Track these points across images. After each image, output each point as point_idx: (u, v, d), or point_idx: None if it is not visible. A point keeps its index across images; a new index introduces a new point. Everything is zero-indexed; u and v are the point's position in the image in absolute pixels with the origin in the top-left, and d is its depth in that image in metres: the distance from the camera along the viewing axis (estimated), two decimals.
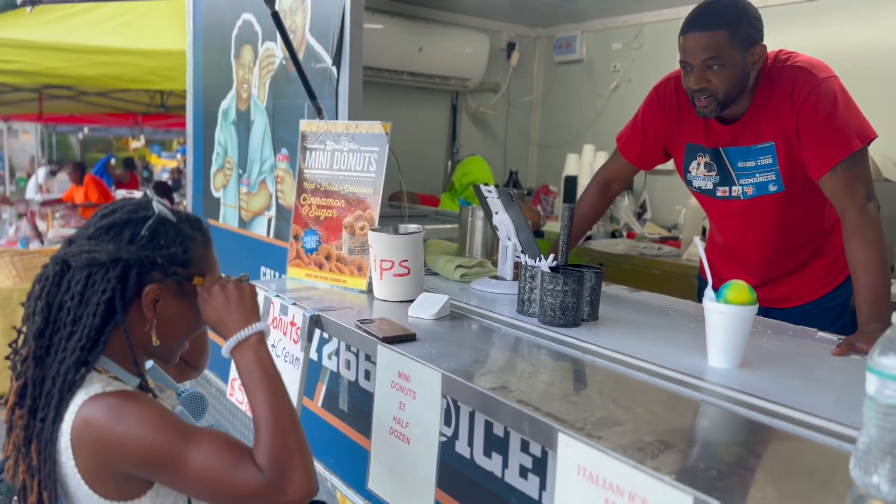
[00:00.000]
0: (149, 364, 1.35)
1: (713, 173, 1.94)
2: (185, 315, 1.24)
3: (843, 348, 1.45)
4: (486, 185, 1.95)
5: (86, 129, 13.89)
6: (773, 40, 1.84)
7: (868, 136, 1.72)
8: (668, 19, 3.84)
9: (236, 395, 2.00)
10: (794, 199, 1.87)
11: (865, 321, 1.57)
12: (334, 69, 2.32)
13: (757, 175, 1.87)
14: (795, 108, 1.74)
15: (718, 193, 1.95)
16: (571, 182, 3.92)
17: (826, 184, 1.73)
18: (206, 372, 3.39)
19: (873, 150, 2.86)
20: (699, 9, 1.77)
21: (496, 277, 2.02)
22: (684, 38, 1.77)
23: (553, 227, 3.62)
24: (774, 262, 1.99)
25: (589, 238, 3.57)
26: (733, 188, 1.92)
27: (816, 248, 1.98)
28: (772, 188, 1.86)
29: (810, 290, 1.99)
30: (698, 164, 1.96)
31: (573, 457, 1.01)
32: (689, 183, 2.03)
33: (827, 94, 1.71)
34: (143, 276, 1.16)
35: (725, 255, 2.05)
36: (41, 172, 10.94)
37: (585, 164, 4.00)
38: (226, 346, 1.21)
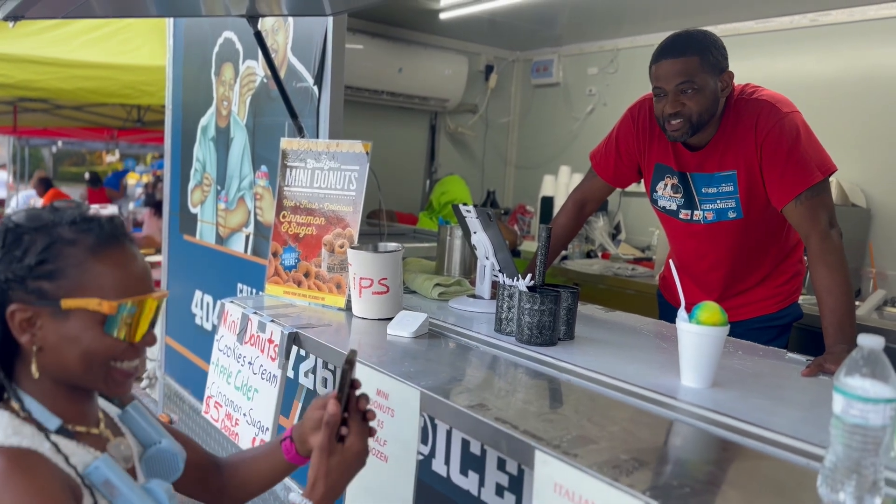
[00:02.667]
0: (114, 409, 1.15)
1: (679, 195, 2.01)
2: (77, 338, 0.98)
3: (812, 369, 1.50)
4: (464, 204, 1.97)
5: (59, 143, 13.69)
6: (739, 69, 1.90)
7: (828, 169, 1.80)
8: (642, 45, 3.92)
9: (211, 412, 1.99)
10: (752, 226, 1.95)
11: (832, 342, 1.62)
12: (315, 88, 2.34)
13: (718, 202, 1.94)
14: (759, 139, 1.82)
15: (681, 216, 2.02)
16: (548, 202, 3.99)
17: (790, 212, 1.81)
18: (180, 389, 3.36)
19: (841, 176, 2.96)
20: (669, 39, 1.85)
21: (474, 296, 2.04)
22: (657, 65, 1.84)
23: (530, 246, 3.65)
24: (729, 282, 2.06)
25: (565, 258, 3.61)
26: (695, 212, 1.99)
27: (770, 272, 2.06)
28: (731, 215, 1.94)
29: (757, 308, 2.06)
30: (665, 185, 2.03)
31: (550, 474, 1.02)
32: (654, 202, 2.10)
33: (790, 127, 1.80)
34: (2, 297, 0.97)
35: (682, 272, 2.10)
36: None
37: (561, 185, 4.05)
38: (295, 498, 1.05)
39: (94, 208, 1.06)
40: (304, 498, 1.02)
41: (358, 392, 1.12)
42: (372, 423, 1.13)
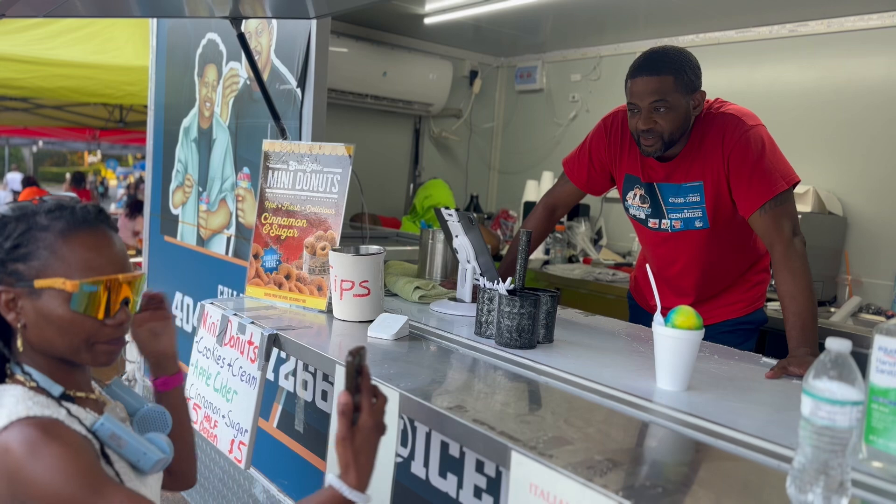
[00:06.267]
0: (97, 386, 1.26)
1: (646, 205, 2.08)
2: (50, 315, 1.07)
3: (777, 371, 1.54)
4: (446, 208, 1.98)
5: (40, 143, 13.57)
6: (719, 78, 1.93)
7: (792, 180, 1.87)
8: (624, 53, 3.96)
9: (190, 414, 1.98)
10: (718, 235, 2.02)
11: (795, 346, 1.67)
12: (299, 91, 2.34)
13: (685, 211, 2.01)
14: (726, 152, 1.89)
15: (650, 224, 2.09)
16: (531, 207, 4.01)
17: (755, 221, 1.87)
18: None
19: (818, 184, 3.01)
20: (646, 56, 1.90)
21: (455, 299, 2.05)
22: (633, 81, 1.89)
23: None
24: (700, 287, 2.12)
25: (547, 263, 3.63)
26: (663, 221, 2.06)
27: (735, 280, 2.14)
28: (697, 224, 2.00)
29: (725, 312, 2.13)
30: (634, 195, 2.10)
31: (525, 475, 1.03)
32: (626, 209, 2.17)
33: (755, 140, 1.86)
34: None
35: (655, 277, 2.15)
36: None
37: (544, 190, 4.06)
38: (333, 480, 1.07)
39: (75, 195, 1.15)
40: (341, 481, 1.05)
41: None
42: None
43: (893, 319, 1.07)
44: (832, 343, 0.91)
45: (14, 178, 12.24)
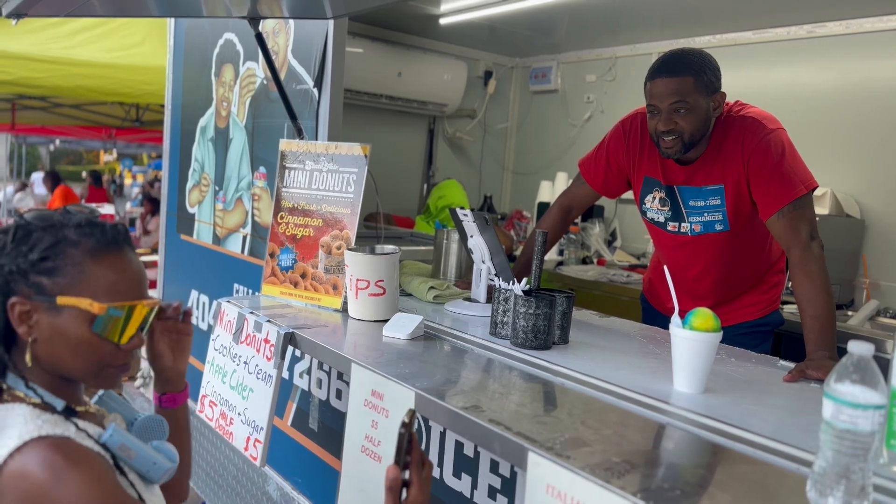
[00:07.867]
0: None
1: (666, 208, 2.06)
2: (67, 334, 1.04)
3: (794, 374, 1.52)
4: (461, 208, 1.98)
5: (57, 141, 13.71)
6: (736, 79, 1.92)
7: (811, 185, 1.86)
8: (640, 54, 3.95)
9: (206, 411, 1.99)
10: (738, 238, 2.01)
11: (813, 349, 1.66)
12: (315, 91, 2.35)
13: (705, 214, 2.00)
14: (746, 155, 1.88)
15: (669, 228, 2.08)
16: (544, 208, 4.00)
17: (773, 224, 1.87)
18: None
19: (836, 187, 2.99)
20: (665, 57, 1.90)
21: (469, 299, 2.05)
22: (652, 83, 1.89)
23: None
24: (717, 291, 2.11)
25: (560, 264, 3.63)
26: (682, 224, 2.05)
27: (754, 284, 2.14)
28: (718, 227, 2.00)
29: (741, 314, 2.13)
30: (654, 198, 2.09)
31: (542, 476, 1.03)
32: (643, 213, 2.15)
33: (776, 144, 1.86)
34: (5, 288, 1.03)
35: (672, 280, 2.14)
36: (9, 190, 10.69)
37: (558, 191, 4.05)
38: None
39: (93, 207, 1.14)
40: None
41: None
42: (363, 420, 1.10)
43: None
44: (855, 346, 0.90)
45: (38, 177, 12.32)
